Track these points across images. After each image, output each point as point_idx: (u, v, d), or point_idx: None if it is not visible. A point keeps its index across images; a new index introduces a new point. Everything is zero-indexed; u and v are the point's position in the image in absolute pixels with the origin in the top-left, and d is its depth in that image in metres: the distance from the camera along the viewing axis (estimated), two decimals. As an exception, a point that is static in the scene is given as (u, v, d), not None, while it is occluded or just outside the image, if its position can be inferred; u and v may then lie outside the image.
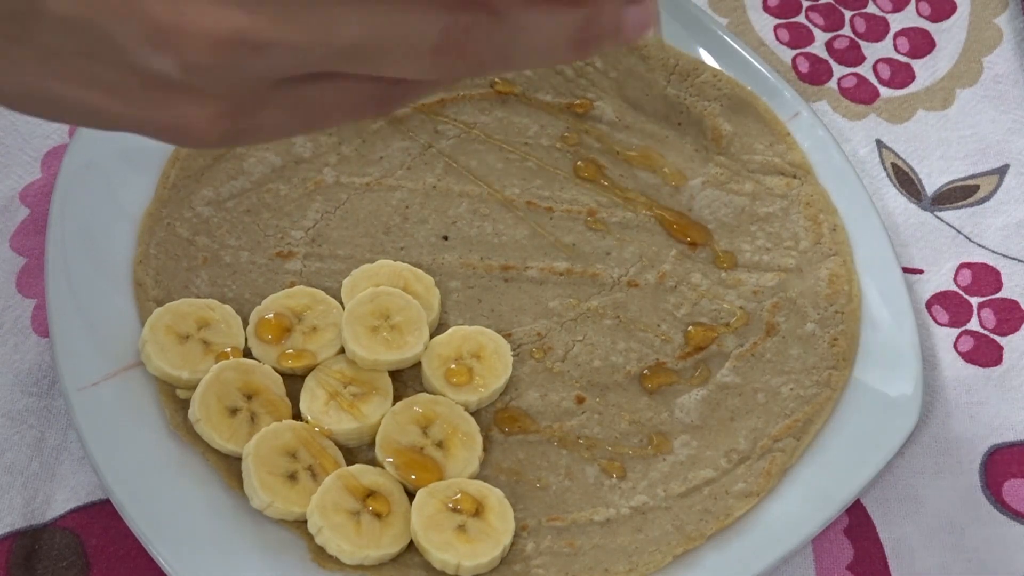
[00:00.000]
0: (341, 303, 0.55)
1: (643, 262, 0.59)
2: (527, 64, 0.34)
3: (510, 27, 0.32)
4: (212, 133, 0.33)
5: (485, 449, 0.53)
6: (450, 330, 0.55)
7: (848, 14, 0.70)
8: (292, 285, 0.56)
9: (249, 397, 0.52)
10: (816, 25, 0.70)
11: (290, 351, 0.53)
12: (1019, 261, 0.62)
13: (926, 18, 0.70)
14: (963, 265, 0.62)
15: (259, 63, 0.31)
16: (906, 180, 0.65)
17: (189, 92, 0.32)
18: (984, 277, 0.62)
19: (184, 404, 0.52)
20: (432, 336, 0.55)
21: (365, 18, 0.31)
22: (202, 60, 0.31)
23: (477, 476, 0.52)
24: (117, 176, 0.57)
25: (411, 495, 0.51)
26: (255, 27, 0.30)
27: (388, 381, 0.53)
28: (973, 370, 0.59)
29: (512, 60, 0.33)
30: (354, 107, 0.34)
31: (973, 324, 0.60)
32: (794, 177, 0.61)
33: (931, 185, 0.65)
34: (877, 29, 0.70)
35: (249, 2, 0.30)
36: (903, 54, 0.69)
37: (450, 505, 0.50)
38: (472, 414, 0.53)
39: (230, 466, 0.51)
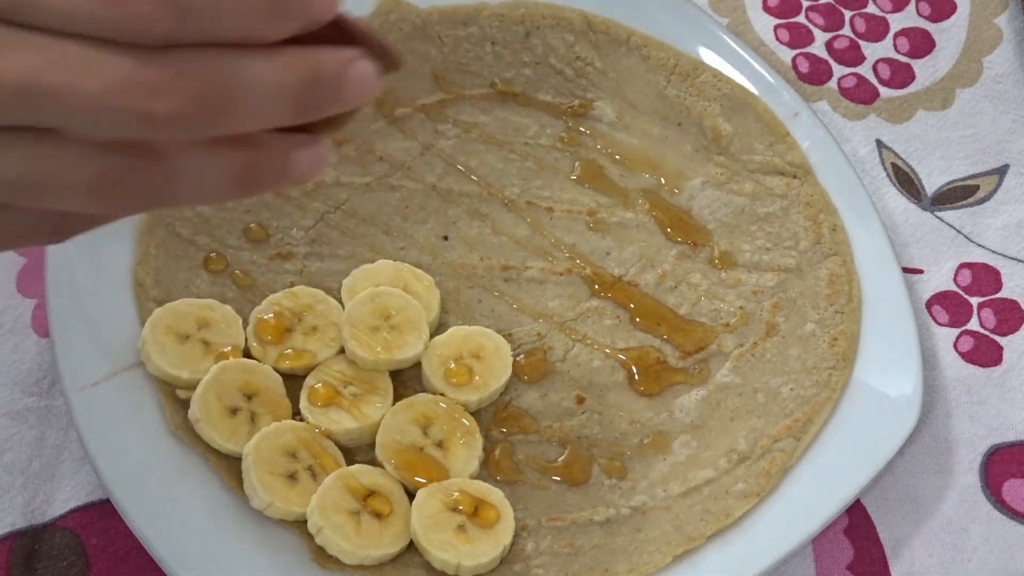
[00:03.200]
0: (341, 303, 0.55)
1: (643, 262, 0.59)
2: (192, 201, 0.34)
3: (170, 168, 0.32)
4: None
5: (485, 449, 0.53)
6: (450, 330, 0.55)
7: (848, 14, 0.70)
8: (292, 285, 0.56)
9: (249, 397, 0.52)
10: (816, 25, 0.70)
11: (290, 351, 0.53)
12: (1019, 261, 0.62)
13: (926, 18, 0.70)
14: (963, 265, 0.62)
15: None
16: (906, 180, 0.65)
17: None
18: (984, 277, 0.62)
19: (184, 404, 0.52)
20: (432, 336, 0.55)
21: (23, 157, 0.31)
22: None
23: (477, 476, 0.52)
24: (117, 176, 0.57)
25: (411, 495, 0.51)
26: None
27: (388, 381, 0.53)
28: (973, 370, 0.59)
29: (175, 197, 0.33)
30: (25, 234, 0.35)
31: (973, 324, 0.60)
32: (794, 177, 0.61)
33: (931, 185, 0.65)
34: (877, 29, 0.70)
35: None
36: (903, 54, 0.69)
37: (450, 505, 0.50)
38: (472, 414, 0.53)
39: (230, 466, 0.51)
